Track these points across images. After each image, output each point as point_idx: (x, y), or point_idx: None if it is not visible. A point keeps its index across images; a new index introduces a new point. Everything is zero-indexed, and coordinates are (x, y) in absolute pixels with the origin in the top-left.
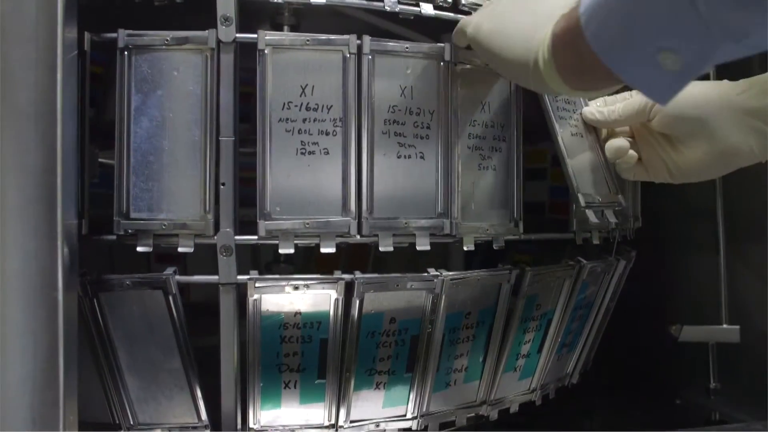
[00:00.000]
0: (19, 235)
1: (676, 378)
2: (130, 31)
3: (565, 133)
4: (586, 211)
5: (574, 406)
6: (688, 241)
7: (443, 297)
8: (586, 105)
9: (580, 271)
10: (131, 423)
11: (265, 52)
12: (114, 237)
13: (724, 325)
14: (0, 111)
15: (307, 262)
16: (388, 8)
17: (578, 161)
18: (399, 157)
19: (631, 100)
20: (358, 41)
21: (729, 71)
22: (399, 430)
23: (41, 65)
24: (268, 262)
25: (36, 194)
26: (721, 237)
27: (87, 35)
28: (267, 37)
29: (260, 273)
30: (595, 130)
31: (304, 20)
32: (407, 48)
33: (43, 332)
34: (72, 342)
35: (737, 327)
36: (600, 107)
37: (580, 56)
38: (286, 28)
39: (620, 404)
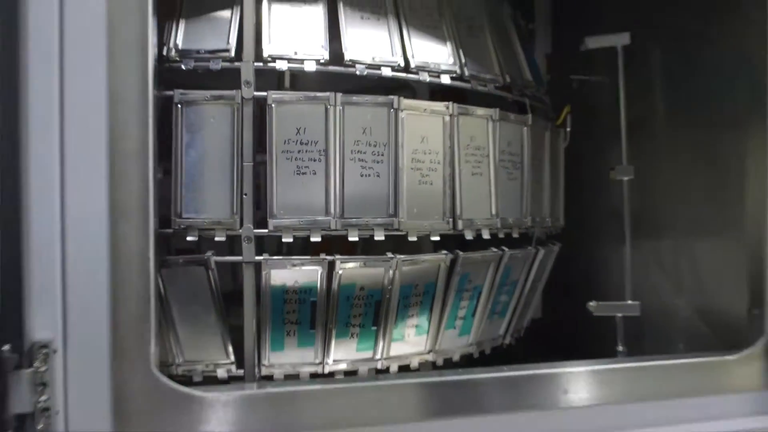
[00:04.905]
0: (130, 231)
1: (592, 343)
2: (182, 90)
3: (466, 174)
4: (465, 231)
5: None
6: (605, 236)
7: (397, 273)
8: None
9: (502, 256)
10: (182, 359)
11: (272, 105)
12: (171, 231)
13: (628, 301)
14: (112, 153)
15: (320, 248)
16: (358, 73)
17: (472, 190)
18: (362, 176)
19: None
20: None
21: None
22: (369, 369)
23: (138, 120)
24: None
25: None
26: (627, 232)
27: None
28: (274, 95)
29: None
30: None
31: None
32: (367, 100)
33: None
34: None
35: (638, 303)
36: None
37: None
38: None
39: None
